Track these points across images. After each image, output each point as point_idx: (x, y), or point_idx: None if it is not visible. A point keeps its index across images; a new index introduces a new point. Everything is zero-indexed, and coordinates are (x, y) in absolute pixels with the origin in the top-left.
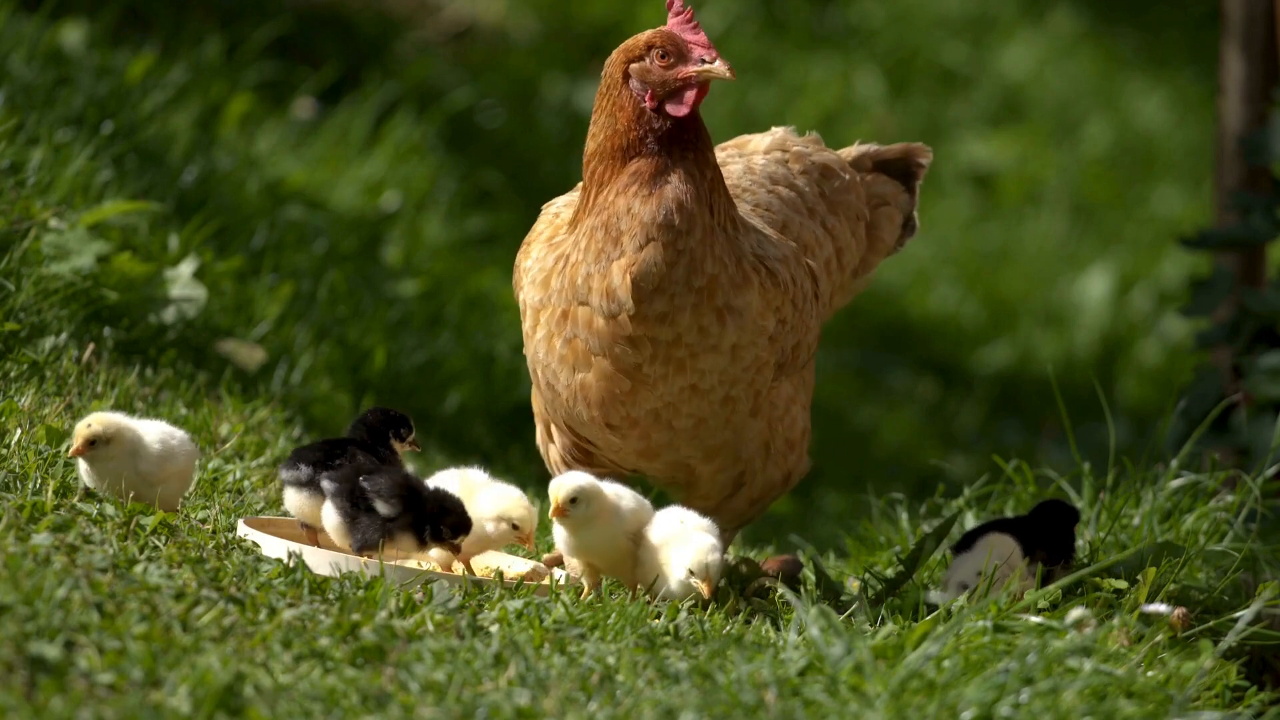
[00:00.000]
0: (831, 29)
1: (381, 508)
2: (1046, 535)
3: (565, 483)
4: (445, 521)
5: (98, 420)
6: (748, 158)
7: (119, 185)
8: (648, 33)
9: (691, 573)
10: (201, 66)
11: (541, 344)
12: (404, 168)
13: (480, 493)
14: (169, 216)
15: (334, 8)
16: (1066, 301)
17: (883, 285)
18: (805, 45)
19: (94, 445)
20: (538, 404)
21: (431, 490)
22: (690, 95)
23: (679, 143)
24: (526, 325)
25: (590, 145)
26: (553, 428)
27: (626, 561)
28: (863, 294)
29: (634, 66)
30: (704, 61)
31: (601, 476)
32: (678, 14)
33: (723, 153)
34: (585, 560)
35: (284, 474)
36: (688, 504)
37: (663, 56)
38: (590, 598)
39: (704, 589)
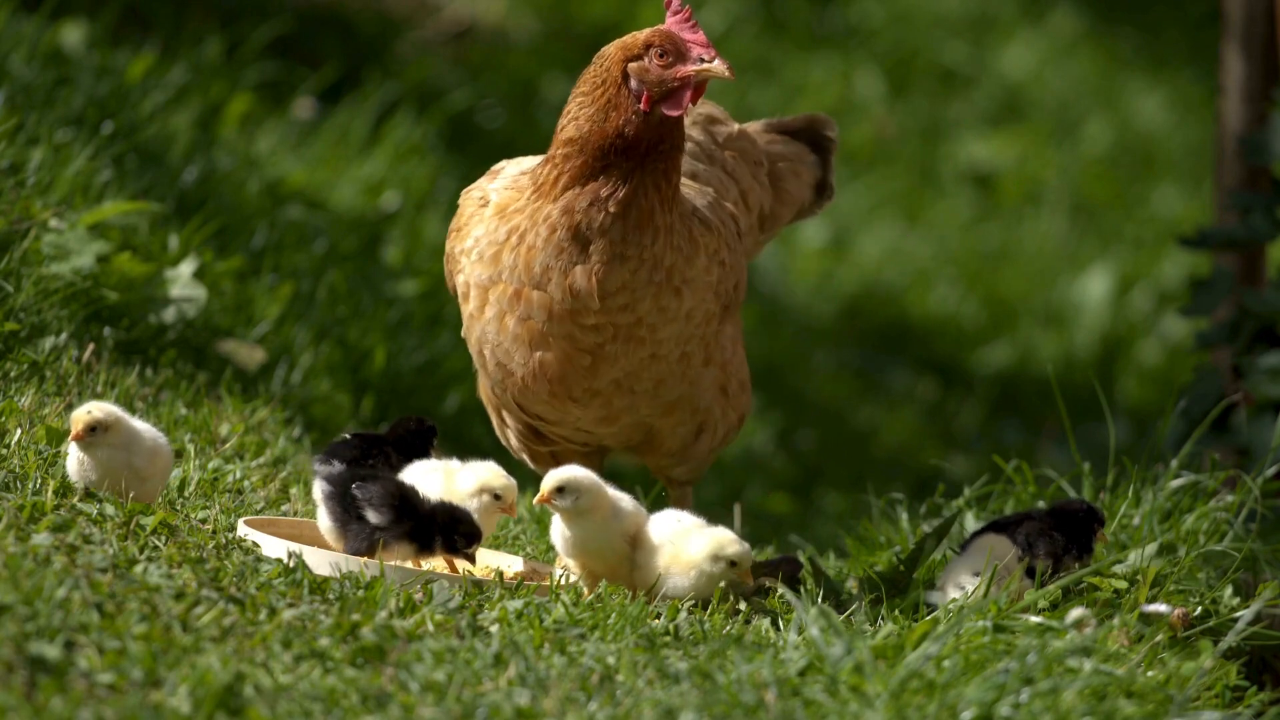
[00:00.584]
0: (831, 29)
1: (372, 516)
2: (1067, 531)
3: (557, 473)
4: (459, 530)
5: (98, 408)
6: None
7: (119, 185)
8: (646, 31)
9: (734, 564)
10: (201, 66)
11: (492, 323)
12: (404, 168)
13: (457, 475)
14: (169, 216)
15: (334, 8)
16: (1066, 301)
17: (883, 285)
18: (805, 45)
19: (94, 432)
20: (487, 394)
21: (435, 502)
22: (687, 96)
23: (655, 153)
24: (471, 306)
25: (570, 128)
26: (504, 412)
27: (625, 565)
28: (863, 294)
29: (632, 66)
30: (703, 61)
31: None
32: (676, 13)
33: None
34: (583, 563)
35: (316, 466)
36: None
37: (661, 55)
38: (590, 598)
39: (747, 579)
